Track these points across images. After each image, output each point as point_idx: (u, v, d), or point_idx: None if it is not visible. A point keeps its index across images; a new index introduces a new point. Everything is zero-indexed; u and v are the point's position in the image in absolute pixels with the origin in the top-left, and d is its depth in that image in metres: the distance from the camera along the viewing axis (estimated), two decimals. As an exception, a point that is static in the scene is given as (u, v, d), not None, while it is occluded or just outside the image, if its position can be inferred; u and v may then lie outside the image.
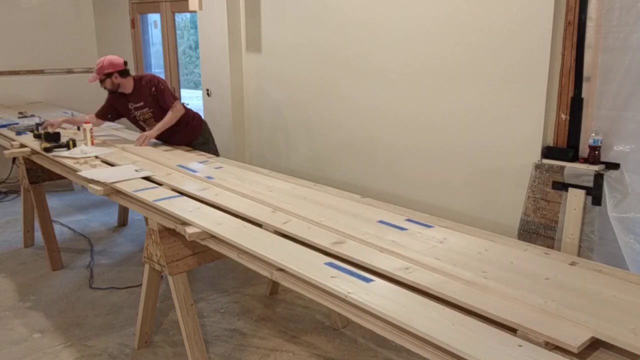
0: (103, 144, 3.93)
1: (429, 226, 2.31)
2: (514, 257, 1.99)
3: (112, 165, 3.35)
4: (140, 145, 3.81)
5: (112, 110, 4.05)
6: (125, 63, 3.87)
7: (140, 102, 3.88)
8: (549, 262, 1.96)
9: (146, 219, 2.77)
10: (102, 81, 3.82)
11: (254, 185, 2.93)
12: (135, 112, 3.94)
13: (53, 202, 5.45)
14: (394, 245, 2.10)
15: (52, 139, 3.80)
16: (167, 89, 3.88)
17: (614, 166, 2.77)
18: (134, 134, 4.22)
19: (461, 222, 2.43)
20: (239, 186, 2.90)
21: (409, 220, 2.38)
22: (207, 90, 4.96)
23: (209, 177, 3.05)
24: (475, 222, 2.66)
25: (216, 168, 3.31)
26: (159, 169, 3.25)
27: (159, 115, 3.86)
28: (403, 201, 3.56)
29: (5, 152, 3.93)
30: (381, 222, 2.36)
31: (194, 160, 3.50)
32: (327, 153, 4.20)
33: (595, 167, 2.77)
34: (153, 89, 3.83)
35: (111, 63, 3.78)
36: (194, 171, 3.19)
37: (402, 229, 2.29)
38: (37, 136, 3.95)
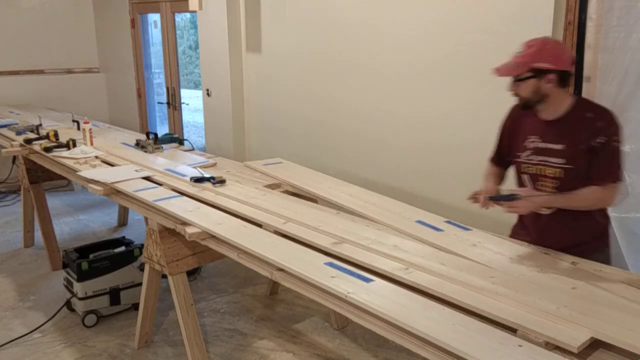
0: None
1: (467, 229, 2.36)
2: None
3: (112, 165, 3.35)
4: (484, 206, 2.21)
5: (506, 143, 2.37)
6: (573, 62, 2.20)
7: (560, 144, 2.10)
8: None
9: (146, 219, 2.77)
10: (519, 80, 2.10)
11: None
12: (530, 156, 2.19)
13: (53, 202, 5.44)
14: (395, 250, 2.10)
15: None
16: (620, 155, 2.09)
17: (614, 166, 2.76)
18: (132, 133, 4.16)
19: (460, 221, 2.47)
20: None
21: (448, 222, 2.45)
22: (207, 90, 4.95)
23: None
24: (474, 221, 2.65)
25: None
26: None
27: (569, 182, 2.10)
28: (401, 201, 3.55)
29: (3, 150, 3.92)
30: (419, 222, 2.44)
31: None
32: (326, 152, 4.19)
33: (596, 167, 2.75)
34: (600, 138, 2.03)
35: (557, 54, 2.05)
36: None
37: (438, 229, 2.35)
38: (28, 141, 3.87)
